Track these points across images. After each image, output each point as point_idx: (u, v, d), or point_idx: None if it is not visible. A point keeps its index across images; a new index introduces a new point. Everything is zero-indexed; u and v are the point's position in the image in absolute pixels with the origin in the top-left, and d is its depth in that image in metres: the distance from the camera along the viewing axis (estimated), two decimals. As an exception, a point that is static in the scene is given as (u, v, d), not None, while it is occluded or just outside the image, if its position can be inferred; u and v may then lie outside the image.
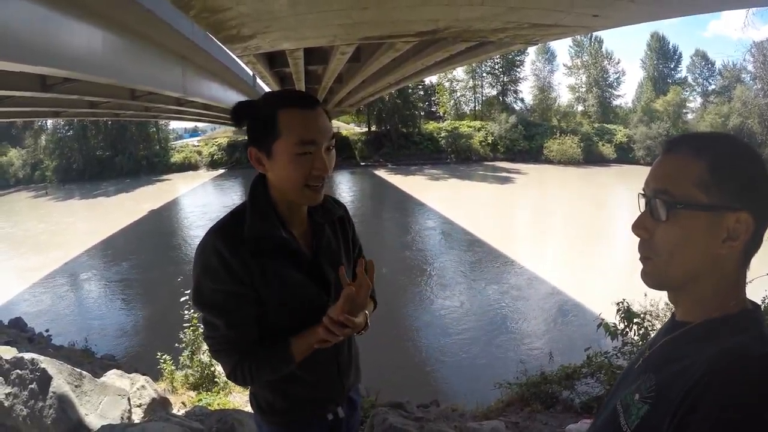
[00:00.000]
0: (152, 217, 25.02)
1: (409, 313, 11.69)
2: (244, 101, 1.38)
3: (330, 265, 1.45)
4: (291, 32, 7.49)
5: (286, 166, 1.30)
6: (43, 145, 42.04)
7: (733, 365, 0.74)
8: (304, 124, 1.29)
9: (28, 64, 5.39)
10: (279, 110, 1.29)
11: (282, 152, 1.29)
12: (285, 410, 1.49)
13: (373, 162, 42.03)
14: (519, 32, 7.62)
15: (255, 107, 1.34)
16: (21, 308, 12.95)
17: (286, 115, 1.29)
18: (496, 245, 17.10)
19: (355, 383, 1.65)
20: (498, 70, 49.53)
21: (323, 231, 1.47)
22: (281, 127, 1.28)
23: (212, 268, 1.30)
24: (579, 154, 40.43)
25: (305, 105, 1.31)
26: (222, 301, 1.31)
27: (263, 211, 1.35)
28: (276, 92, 1.41)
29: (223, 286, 1.30)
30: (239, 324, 1.33)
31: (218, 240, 1.31)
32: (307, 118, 1.30)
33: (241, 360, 1.35)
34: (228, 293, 1.31)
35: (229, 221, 1.36)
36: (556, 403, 4.74)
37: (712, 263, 0.84)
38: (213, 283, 1.30)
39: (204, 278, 1.31)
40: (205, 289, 1.32)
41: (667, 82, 46.39)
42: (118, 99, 13.37)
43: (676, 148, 0.88)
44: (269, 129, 1.29)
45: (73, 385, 3.71)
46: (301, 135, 1.28)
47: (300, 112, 1.30)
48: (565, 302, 11.94)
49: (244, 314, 1.33)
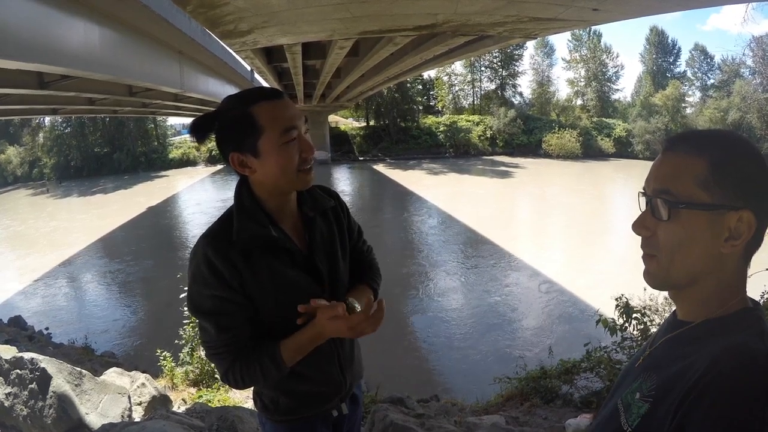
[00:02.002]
0: (151, 213, 24.99)
1: (407, 308, 11.69)
2: (199, 116, 1.36)
3: (324, 258, 1.45)
4: (289, 27, 7.48)
5: (277, 158, 1.29)
6: (41, 142, 42.00)
7: (735, 364, 0.74)
8: (282, 114, 1.30)
9: (25, 61, 5.38)
10: (251, 108, 1.28)
11: (269, 147, 1.29)
12: (290, 409, 1.48)
13: (372, 156, 42.02)
14: (518, 26, 7.61)
15: (220, 114, 1.32)
16: (21, 306, 12.94)
17: (261, 110, 1.28)
18: (496, 240, 17.08)
19: (358, 378, 1.64)
20: (497, 64, 49.44)
21: (315, 223, 1.46)
22: (261, 122, 1.28)
23: (202, 275, 1.30)
24: (578, 148, 40.42)
25: (274, 96, 1.31)
26: (212, 306, 1.31)
27: (250, 211, 1.34)
28: (236, 94, 1.36)
29: (212, 291, 1.30)
30: (230, 327, 1.33)
31: (207, 246, 1.31)
32: (281, 107, 1.31)
33: (233, 364, 1.34)
34: (218, 298, 1.30)
35: (218, 226, 1.36)
36: (555, 398, 4.75)
37: (714, 262, 0.84)
38: (203, 288, 1.31)
39: (195, 285, 1.32)
40: (196, 294, 1.33)
41: (666, 76, 46.21)
42: (115, 95, 13.37)
43: (677, 147, 0.87)
44: (249, 128, 1.28)
45: (73, 384, 3.70)
46: (283, 124, 1.29)
47: (273, 103, 1.30)
48: (564, 297, 11.94)
49: (235, 318, 1.33)
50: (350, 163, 40.60)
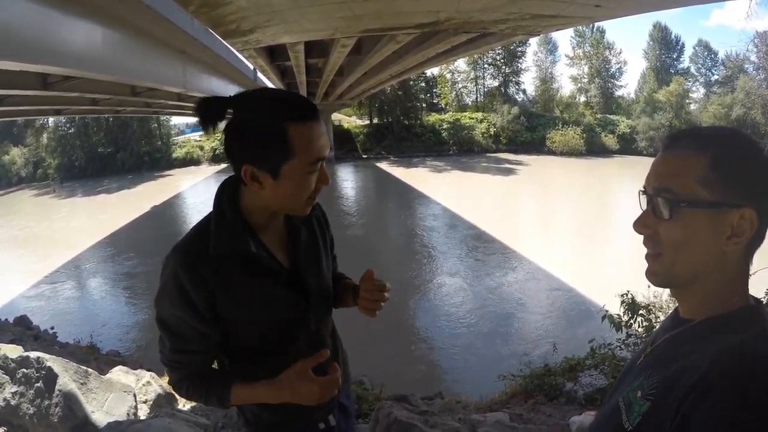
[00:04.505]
0: (155, 213, 25.05)
1: (411, 306, 11.70)
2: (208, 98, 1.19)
3: (309, 269, 1.36)
4: (292, 26, 7.49)
5: (296, 185, 1.17)
6: (45, 143, 42.02)
7: (737, 363, 0.74)
8: (317, 142, 1.16)
9: (28, 62, 5.41)
10: (288, 124, 1.12)
11: (293, 173, 1.15)
12: (274, 423, 1.40)
13: (375, 154, 41.95)
14: (520, 23, 7.59)
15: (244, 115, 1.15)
16: (26, 306, 13.01)
17: (297, 132, 1.13)
18: (500, 237, 17.08)
19: (346, 389, 1.57)
20: (500, 61, 49.24)
21: (300, 233, 1.35)
22: (293, 145, 1.12)
23: (168, 291, 1.21)
24: (581, 145, 40.34)
25: (313, 116, 1.16)
26: (173, 325, 1.23)
27: (231, 224, 1.21)
28: (276, 98, 1.18)
29: (176, 312, 1.21)
30: (186, 350, 1.26)
31: (177, 262, 1.20)
32: (318, 133, 1.16)
33: (181, 380, 1.30)
34: (180, 319, 1.22)
35: (193, 238, 1.24)
36: (559, 395, 4.75)
37: (716, 260, 0.84)
38: (168, 304, 1.22)
39: (162, 296, 1.23)
40: (160, 305, 1.24)
41: (669, 72, 46.05)
42: (118, 95, 13.42)
43: (677, 144, 0.87)
44: (278, 148, 1.12)
45: (79, 383, 3.72)
46: (316, 154, 1.16)
47: (310, 126, 1.15)
48: (568, 294, 11.93)
49: (192, 343, 1.25)
50: (354, 161, 40.54)
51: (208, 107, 1.17)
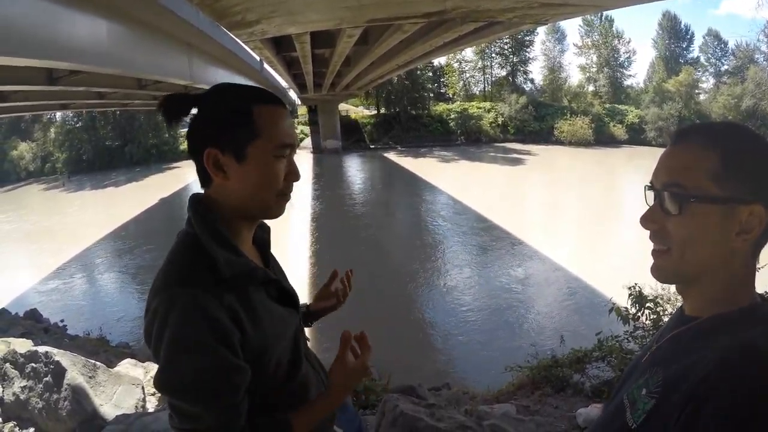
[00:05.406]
0: (163, 204, 25.20)
1: (419, 297, 11.71)
2: (174, 94, 1.13)
3: (285, 281, 1.25)
4: (297, 16, 7.47)
5: (263, 171, 1.08)
6: (53, 137, 42.36)
7: (743, 362, 0.73)
8: (283, 124, 1.10)
9: (33, 58, 5.41)
10: (253, 104, 1.08)
11: (259, 154, 1.07)
12: None
13: (383, 145, 41.93)
14: (528, 12, 7.53)
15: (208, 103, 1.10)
16: (36, 299, 13.15)
17: (263, 112, 1.08)
18: (507, 227, 17.06)
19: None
20: (507, 50, 49.00)
21: (264, 241, 1.26)
22: (259, 125, 1.07)
23: (196, 338, 0.96)
24: (590, 134, 40.05)
25: (279, 102, 1.12)
26: (211, 378, 0.97)
27: (224, 239, 1.06)
28: (233, 86, 1.14)
29: (211, 356, 0.97)
30: (233, 405, 1.01)
31: (197, 296, 0.97)
32: (284, 118, 1.11)
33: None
34: (222, 361, 0.97)
35: (191, 266, 1.03)
36: (566, 387, 4.74)
37: (723, 257, 0.83)
38: (199, 357, 0.97)
39: (177, 353, 0.97)
40: (186, 368, 0.97)
41: (679, 62, 45.64)
42: (125, 89, 13.46)
43: (686, 139, 0.86)
44: (243, 126, 1.06)
45: (87, 377, 3.77)
46: (282, 136, 1.10)
47: (276, 109, 1.10)
48: (576, 285, 11.90)
49: (242, 387, 1.02)
50: (361, 151, 40.60)
51: (171, 103, 1.12)
